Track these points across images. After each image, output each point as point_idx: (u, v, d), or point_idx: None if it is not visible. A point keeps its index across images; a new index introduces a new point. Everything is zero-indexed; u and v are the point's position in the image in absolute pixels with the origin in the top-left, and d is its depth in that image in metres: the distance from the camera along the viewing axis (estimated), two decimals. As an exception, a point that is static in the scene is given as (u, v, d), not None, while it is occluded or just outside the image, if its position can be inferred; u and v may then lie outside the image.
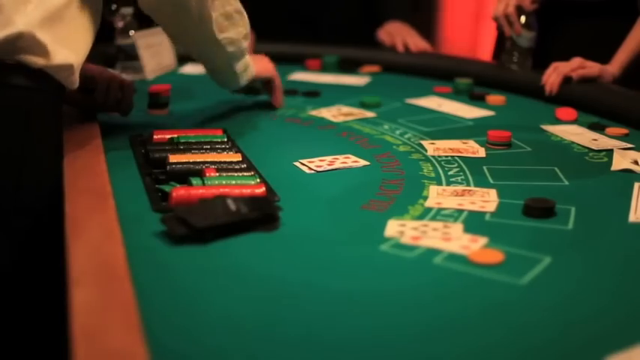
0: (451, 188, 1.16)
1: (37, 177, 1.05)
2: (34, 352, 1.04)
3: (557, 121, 1.58)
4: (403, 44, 2.15)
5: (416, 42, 2.16)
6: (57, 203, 1.00)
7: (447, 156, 1.33)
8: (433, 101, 1.76)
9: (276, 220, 1.01)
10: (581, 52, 1.76)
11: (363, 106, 1.70)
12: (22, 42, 1.03)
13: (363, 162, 1.29)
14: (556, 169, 1.26)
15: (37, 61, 1.05)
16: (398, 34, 2.19)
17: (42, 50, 1.05)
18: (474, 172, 1.25)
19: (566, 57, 1.79)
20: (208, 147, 1.27)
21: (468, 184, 1.19)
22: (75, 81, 1.13)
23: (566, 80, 1.68)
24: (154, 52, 2.01)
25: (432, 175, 1.23)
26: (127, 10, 1.94)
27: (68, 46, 1.10)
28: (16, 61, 1.04)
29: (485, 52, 3.19)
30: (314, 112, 1.64)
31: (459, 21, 2.48)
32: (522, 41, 1.84)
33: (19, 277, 1.03)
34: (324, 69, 2.13)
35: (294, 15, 2.33)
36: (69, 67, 1.10)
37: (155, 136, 1.34)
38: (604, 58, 1.77)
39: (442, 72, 2.00)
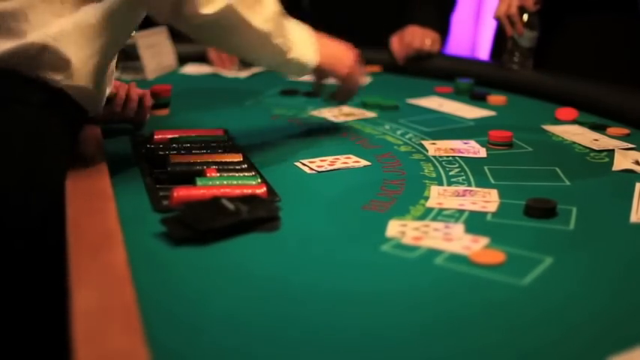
0: (452, 188, 1.16)
1: (43, 192, 1.05)
2: (35, 353, 1.04)
3: (558, 121, 1.58)
4: (405, 58, 2.06)
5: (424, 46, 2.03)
6: (58, 204, 1.00)
7: (448, 156, 1.33)
8: (434, 101, 1.76)
9: (277, 220, 1.00)
10: (581, 50, 1.76)
11: (365, 106, 1.70)
12: (45, 56, 1.00)
13: (364, 162, 1.29)
14: (557, 169, 1.26)
15: (58, 79, 1.02)
16: (408, 44, 2.05)
17: (64, 67, 1.02)
18: (475, 172, 1.25)
19: (567, 55, 1.79)
20: (209, 147, 1.27)
21: (469, 185, 1.19)
22: (99, 108, 1.10)
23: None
24: (155, 52, 2.01)
25: (433, 175, 1.23)
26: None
27: (94, 67, 1.06)
28: (37, 76, 1.01)
29: (485, 52, 3.19)
30: (315, 112, 1.64)
31: (459, 21, 2.49)
32: (524, 41, 1.84)
33: (20, 279, 1.03)
34: (325, 69, 2.12)
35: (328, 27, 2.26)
36: (90, 92, 1.07)
37: (155, 136, 1.34)
38: (605, 55, 1.77)
39: (442, 72, 1.99)
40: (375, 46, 2.16)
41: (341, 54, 1.38)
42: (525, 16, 1.81)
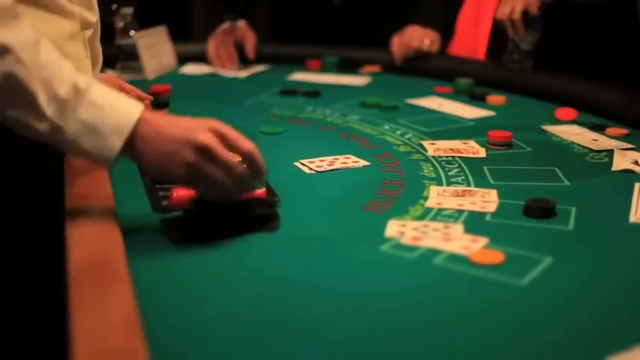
0: (451, 188, 1.16)
1: (36, 186, 1.04)
2: (34, 352, 1.04)
3: (557, 121, 1.58)
4: (403, 58, 2.06)
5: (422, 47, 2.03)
6: (57, 203, 1.00)
7: (447, 156, 1.33)
8: (433, 101, 1.76)
9: (277, 220, 1.00)
10: (588, 53, 1.75)
11: (364, 106, 1.70)
12: None
13: (363, 162, 1.29)
14: (556, 169, 1.26)
15: None
16: (407, 44, 2.04)
17: None
18: (475, 172, 1.25)
19: (573, 57, 1.78)
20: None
21: (469, 185, 1.19)
22: None
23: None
24: (154, 52, 2.01)
25: (433, 175, 1.23)
26: (127, 10, 1.94)
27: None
28: None
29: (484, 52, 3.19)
30: (314, 112, 1.63)
31: (459, 21, 2.49)
32: (524, 45, 1.84)
33: (19, 278, 1.03)
34: (324, 69, 2.13)
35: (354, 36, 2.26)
36: None
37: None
38: (611, 59, 1.76)
39: (442, 72, 1.99)
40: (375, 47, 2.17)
41: (174, 147, 0.93)
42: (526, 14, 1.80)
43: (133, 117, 0.90)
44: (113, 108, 0.90)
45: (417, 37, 2.04)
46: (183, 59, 2.13)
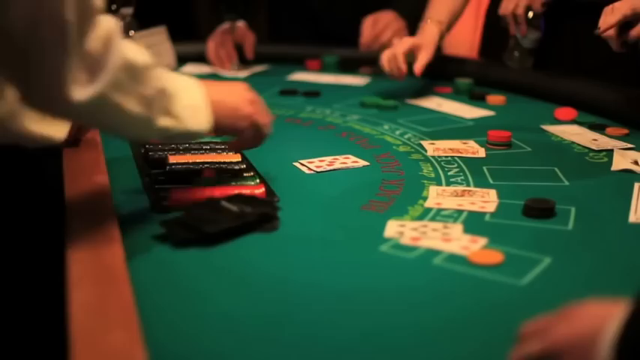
0: (451, 188, 1.16)
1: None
2: (33, 352, 1.04)
3: (557, 121, 1.58)
4: (368, 48, 2.05)
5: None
6: (57, 203, 1.00)
7: (446, 156, 1.33)
8: (433, 101, 1.76)
9: (276, 220, 1.00)
10: (588, 53, 1.75)
11: (364, 106, 1.70)
12: None
13: (362, 162, 1.29)
14: (556, 169, 1.26)
15: None
16: (377, 36, 2.05)
17: None
18: (474, 172, 1.25)
19: (573, 57, 1.78)
20: (208, 147, 1.27)
21: (468, 185, 1.19)
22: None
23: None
24: (154, 52, 2.00)
25: (432, 175, 1.23)
26: (127, 10, 1.93)
27: None
28: None
29: (485, 51, 3.18)
30: (313, 112, 1.63)
31: (459, 21, 2.49)
32: (526, 42, 1.83)
33: (19, 278, 1.03)
34: (324, 69, 2.12)
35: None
36: None
37: (154, 137, 1.33)
38: (611, 59, 1.76)
39: (442, 72, 1.99)
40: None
41: (237, 104, 1.07)
42: (530, 14, 1.80)
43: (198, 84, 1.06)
44: (187, 87, 1.06)
45: (388, 32, 2.04)
46: (183, 59, 2.12)
